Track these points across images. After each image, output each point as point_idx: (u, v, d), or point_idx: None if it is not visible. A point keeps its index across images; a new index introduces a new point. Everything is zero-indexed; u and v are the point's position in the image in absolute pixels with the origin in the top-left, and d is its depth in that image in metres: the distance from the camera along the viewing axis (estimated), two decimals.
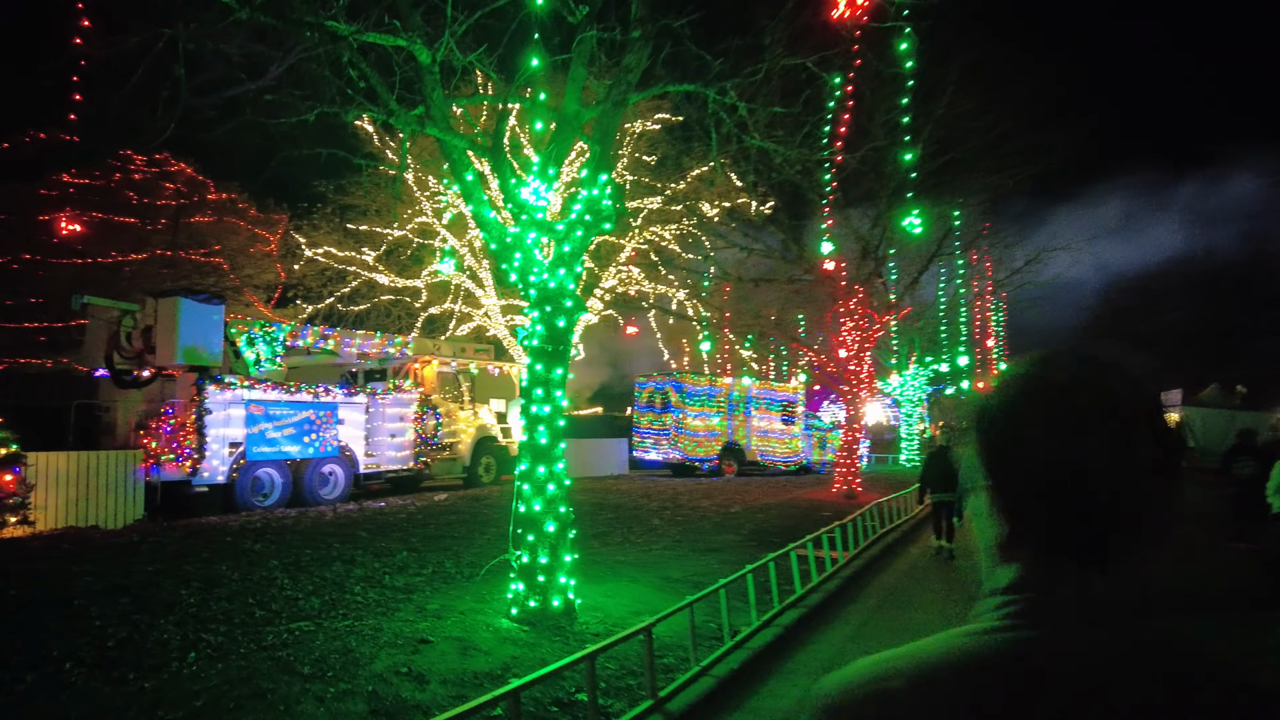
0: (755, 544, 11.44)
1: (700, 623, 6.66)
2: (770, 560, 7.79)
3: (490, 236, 7.03)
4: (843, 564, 10.40)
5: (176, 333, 13.52)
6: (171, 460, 13.22)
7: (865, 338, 17.77)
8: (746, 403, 25.32)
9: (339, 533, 11.59)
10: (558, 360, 6.78)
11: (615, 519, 13.63)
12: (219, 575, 8.45)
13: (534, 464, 6.70)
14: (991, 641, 0.85)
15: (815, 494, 18.82)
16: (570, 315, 6.84)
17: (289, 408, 15.03)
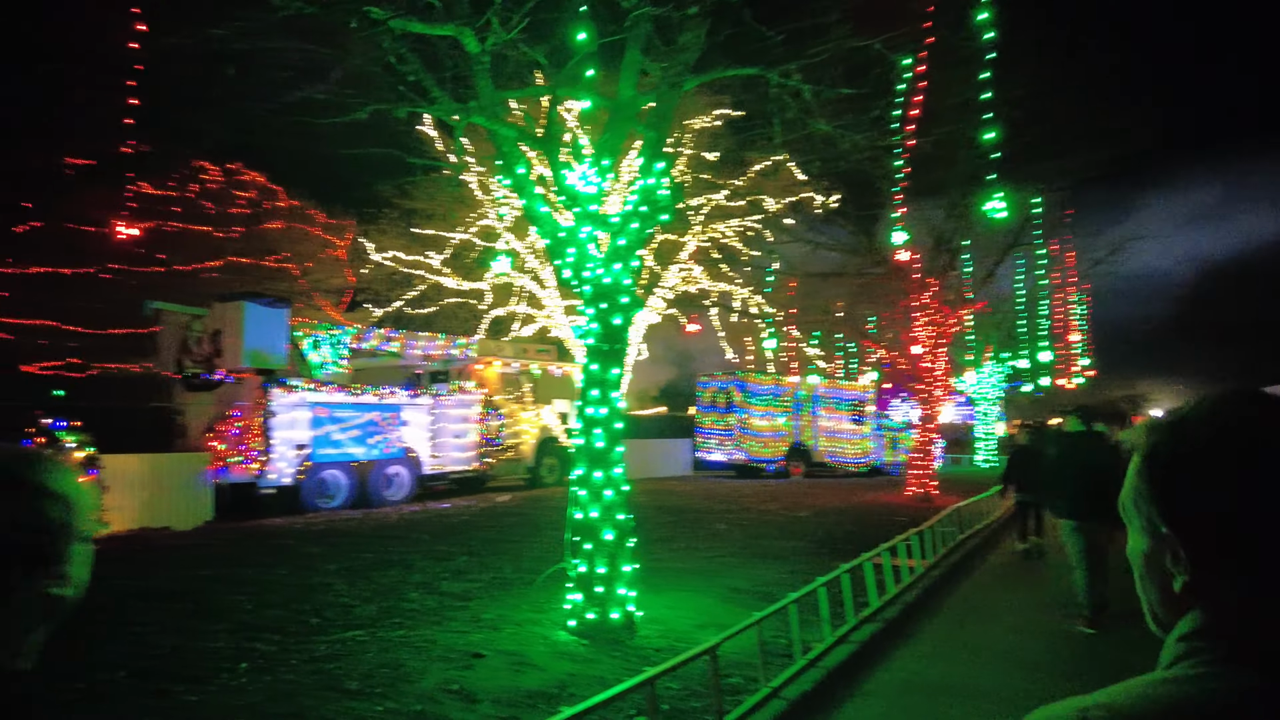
0: (825, 551, 10.90)
1: (769, 638, 6.22)
2: (844, 572, 7.28)
3: (543, 231, 6.73)
4: (921, 573, 9.77)
5: (242, 336, 13.69)
6: (239, 462, 13.38)
7: (940, 333, 16.95)
8: (813, 402, 24.60)
9: (400, 536, 11.51)
10: (614, 360, 6.43)
11: (678, 523, 13.25)
12: (277, 580, 8.38)
13: (590, 468, 6.36)
14: (1199, 691, 0.83)
15: (888, 497, 18.08)
16: (627, 312, 6.48)
17: (353, 409, 15.10)
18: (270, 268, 32.84)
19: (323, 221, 35.05)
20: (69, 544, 1.06)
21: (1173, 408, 0.97)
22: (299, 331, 15.28)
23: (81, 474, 7.57)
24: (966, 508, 13.38)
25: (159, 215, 31.14)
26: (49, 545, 1.02)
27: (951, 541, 11.88)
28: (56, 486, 1.04)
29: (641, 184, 6.47)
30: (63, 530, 1.04)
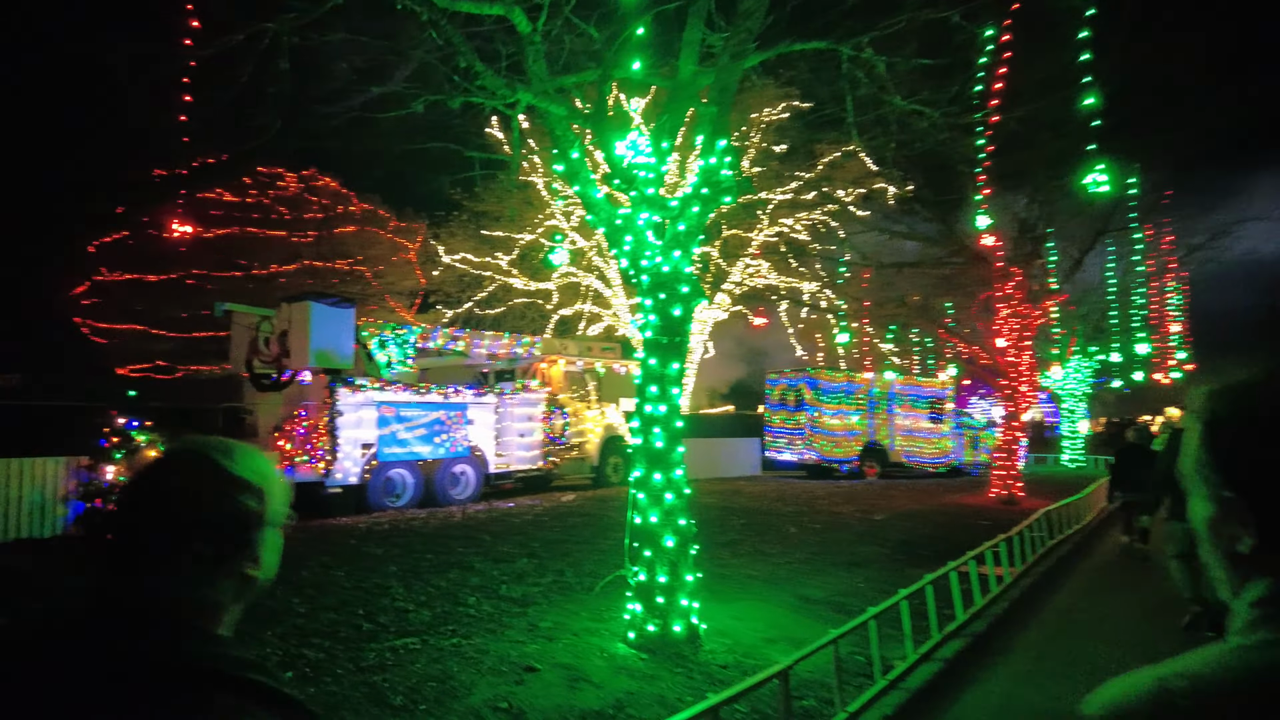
0: (903, 558, 10.26)
1: (846, 654, 5.72)
2: (928, 583, 6.69)
3: (599, 219, 6.36)
4: (1009, 582, 9.07)
5: (309, 336, 13.75)
6: (305, 462, 13.45)
7: (1025, 325, 15.95)
8: (889, 399, 23.66)
9: (463, 535, 11.33)
10: (673, 354, 6.01)
11: (746, 525, 12.74)
12: (334, 581, 8.24)
13: (649, 470, 5.96)
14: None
15: (970, 499, 17.15)
16: (687, 303, 6.05)
17: (419, 408, 15.07)
18: (344, 270, 33.60)
19: (394, 225, 35.71)
20: (262, 530, 1.17)
21: (1230, 374, 0.95)
22: (365, 331, 15.33)
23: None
24: (1057, 511, 12.48)
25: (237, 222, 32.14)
26: (246, 531, 1.13)
27: (1042, 547, 11.08)
28: (253, 477, 1.15)
29: (702, 164, 6.03)
30: (257, 518, 1.15)
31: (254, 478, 1.17)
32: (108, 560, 1.11)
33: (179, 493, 1.12)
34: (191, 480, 1.13)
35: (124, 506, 1.14)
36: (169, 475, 1.14)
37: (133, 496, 1.13)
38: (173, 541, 1.09)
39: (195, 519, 1.11)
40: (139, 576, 1.09)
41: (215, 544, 1.11)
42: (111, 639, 1.01)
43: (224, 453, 1.16)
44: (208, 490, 1.12)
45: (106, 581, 1.09)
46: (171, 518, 1.10)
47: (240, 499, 1.14)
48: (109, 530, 1.14)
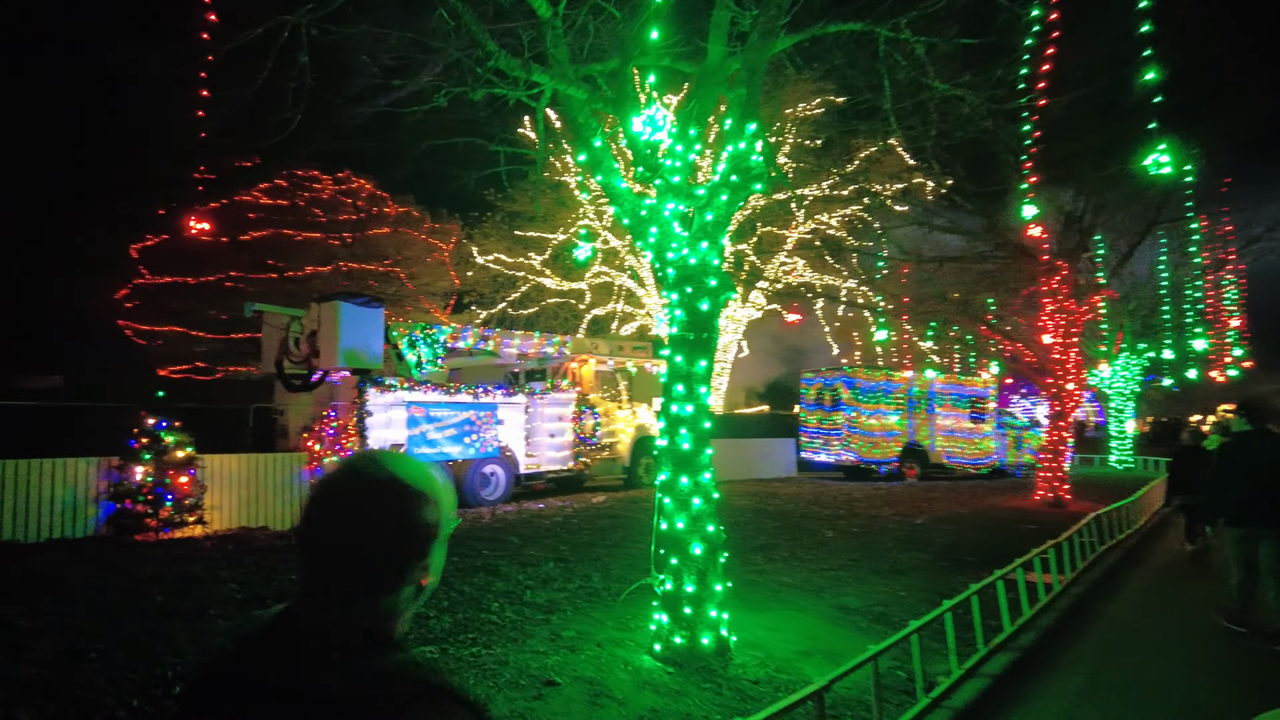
0: (946, 563, 9.81)
1: (885, 669, 5.37)
2: (973, 594, 6.30)
3: (623, 210, 6.06)
4: (1058, 591, 8.60)
5: (338, 336, 13.68)
6: (334, 462, 13.36)
7: (1072, 321, 15.31)
8: (929, 398, 23.03)
9: (491, 537, 11.13)
10: (701, 351, 5.70)
11: (781, 529, 12.36)
12: None
13: (675, 473, 5.65)
14: None
15: (1015, 502, 16.56)
16: (715, 297, 5.73)
17: (449, 409, 14.93)
18: (378, 272, 33.81)
19: (428, 226, 35.86)
20: (436, 541, 1.21)
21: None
22: (395, 331, 15.24)
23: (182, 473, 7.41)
24: (1108, 514, 11.90)
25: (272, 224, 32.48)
26: (425, 543, 1.17)
27: (1092, 553, 10.55)
28: (428, 490, 1.18)
29: (730, 149, 5.71)
30: (434, 530, 1.19)
31: (429, 491, 1.20)
32: (301, 578, 1.17)
33: (363, 511, 1.15)
34: (374, 498, 1.16)
35: (312, 524, 1.17)
36: (352, 494, 1.17)
37: (319, 515, 1.17)
38: (360, 560, 1.14)
39: (380, 537, 1.15)
40: (331, 595, 1.13)
41: (398, 559, 1.16)
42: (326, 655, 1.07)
43: (400, 469, 1.19)
44: (390, 508, 1.16)
45: (303, 600, 1.15)
46: (357, 537, 1.14)
47: (419, 514, 1.18)
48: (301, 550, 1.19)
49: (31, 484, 10.65)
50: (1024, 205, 12.54)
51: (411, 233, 35.40)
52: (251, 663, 1.13)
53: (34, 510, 10.66)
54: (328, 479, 1.21)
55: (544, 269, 33.01)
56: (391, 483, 1.17)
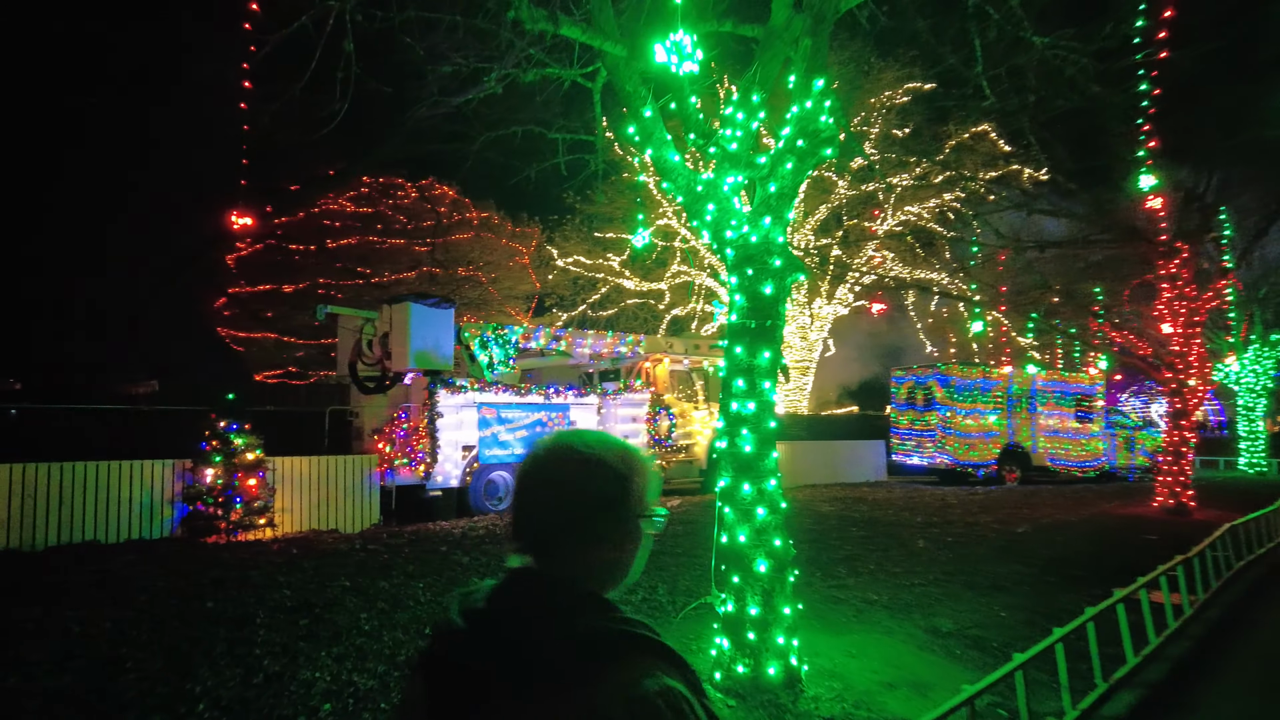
0: (1054, 579, 8.79)
1: (983, 706, 4.60)
2: (1089, 620, 5.42)
3: (676, 186, 5.47)
4: (1189, 615, 7.51)
5: (408, 337, 13.56)
6: (405, 465, 13.22)
7: (1194, 309, 13.81)
8: (1030, 396, 21.46)
9: None
10: (764, 341, 5.04)
11: (867, 538, 11.49)
12: (411, 595, 7.72)
13: (737, 480, 5.01)
14: None
15: (1130, 508, 15.10)
16: (780, 279, 5.07)
17: (520, 410, 14.63)
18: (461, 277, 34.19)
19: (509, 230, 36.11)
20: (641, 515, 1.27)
21: None
22: (467, 332, 15.04)
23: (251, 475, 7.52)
24: (1244, 525, 10.54)
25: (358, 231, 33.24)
26: (628, 510, 1.24)
27: (1228, 570, 9.31)
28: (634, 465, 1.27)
29: (796, 110, 5.04)
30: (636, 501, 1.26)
31: (631, 462, 1.27)
32: (519, 543, 1.25)
33: (572, 484, 1.22)
34: (579, 470, 1.23)
35: (525, 490, 1.27)
36: (561, 460, 1.24)
37: (531, 482, 1.25)
38: (570, 525, 1.22)
39: (586, 505, 1.22)
40: (543, 556, 1.22)
41: (604, 522, 1.22)
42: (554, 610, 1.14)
43: (604, 442, 1.27)
44: (594, 479, 1.23)
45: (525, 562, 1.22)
46: (567, 500, 1.22)
47: (622, 482, 1.24)
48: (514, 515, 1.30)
49: (111, 485, 10.82)
50: (1141, 175, 11.21)
51: (493, 237, 35.71)
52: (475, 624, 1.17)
53: (113, 511, 10.82)
54: (539, 449, 1.28)
55: (623, 270, 32.75)
56: (598, 451, 1.25)
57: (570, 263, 32.99)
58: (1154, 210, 12.79)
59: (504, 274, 36.10)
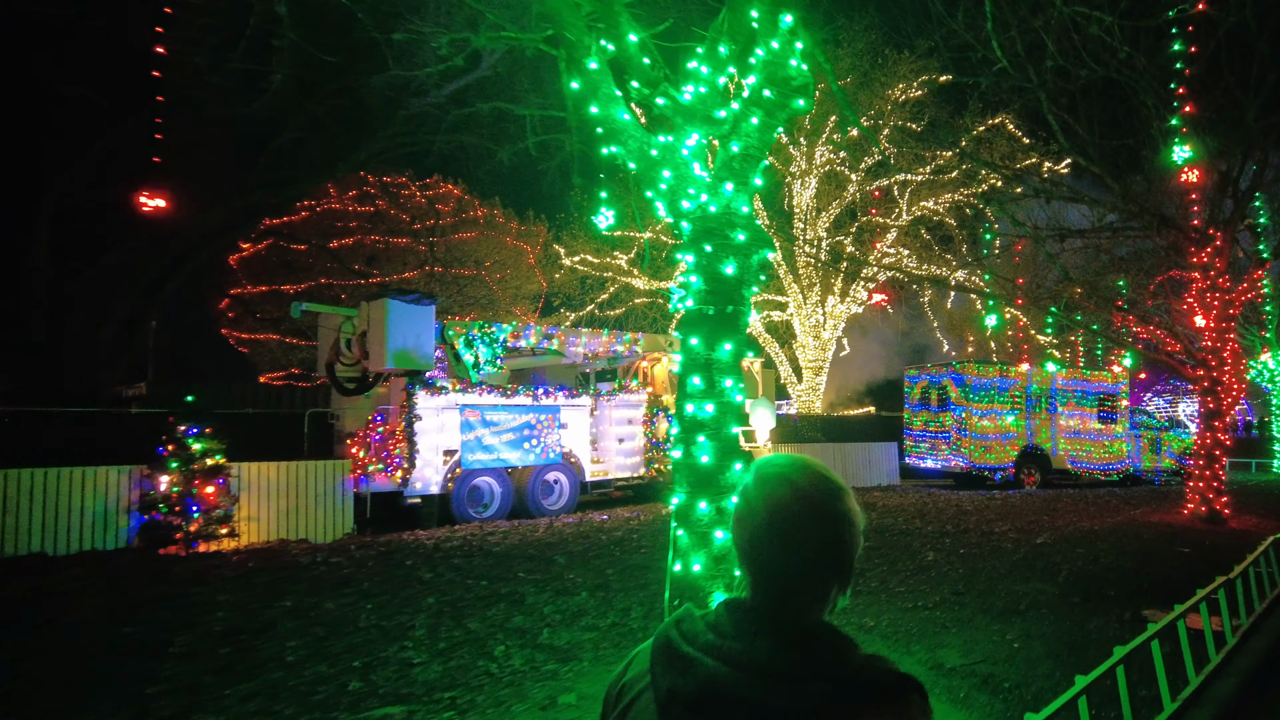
0: (1078, 600, 7.88)
1: None
2: (1118, 663, 4.55)
3: (628, 151, 4.65)
4: (1233, 645, 6.59)
5: (386, 336, 12.83)
6: (380, 470, 12.49)
7: (1229, 302, 12.79)
8: (1050, 396, 20.42)
9: (535, 555, 9.91)
10: (725, 329, 4.22)
11: (873, 550, 10.61)
12: (353, 619, 6.95)
13: (693, 496, 4.19)
14: None
15: (1158, 515, 14.09)
16: (744, 255, 4.25)
17: (507, 412, 13.87)
18: (466, 276, 33.57)
19: (515, 229, 35.45)
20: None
21: None
22: (451, 331, 14.30)
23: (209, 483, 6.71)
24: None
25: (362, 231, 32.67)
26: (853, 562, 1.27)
27: (1273, 590, 8.35)
28: (856, 517, 1.27)
29: (762, 53, 4.21)
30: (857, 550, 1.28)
31: (857, 517, 1.27)
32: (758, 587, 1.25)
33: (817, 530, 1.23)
34: (825, 520, 1.24)
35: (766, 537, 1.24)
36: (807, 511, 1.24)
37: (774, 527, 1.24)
38: (814, 572, 1.23)
39: (832, 554, 1.24)
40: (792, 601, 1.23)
41: (840, 573, 1.25)
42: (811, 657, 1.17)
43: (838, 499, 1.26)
44: (832, 533, 1.24)
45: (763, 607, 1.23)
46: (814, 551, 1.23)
47: (856, 521, 1.27)
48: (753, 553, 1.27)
49: (61, 493, 10.17)
50: (1175, 147, 10.18)
51: (499, 236, 35.10)
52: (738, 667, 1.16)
53: (64, 521, 10.17)
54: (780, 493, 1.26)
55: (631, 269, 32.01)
56: (836, 505, 1.25)
57: (577, 261, 32.28)
58: (1188, 186, 11.73)
59: (511, 273, 35.49)
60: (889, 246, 29.68)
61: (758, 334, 31.12)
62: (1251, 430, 40.14)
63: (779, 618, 1.21)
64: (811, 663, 1.15)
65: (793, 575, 1.23)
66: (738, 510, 1.30)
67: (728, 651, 1.18)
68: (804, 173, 29.60)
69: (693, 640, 1.21)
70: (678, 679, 1.18)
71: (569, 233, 32.50)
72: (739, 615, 1.23)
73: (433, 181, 34.81)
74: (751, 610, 1.23)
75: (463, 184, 34.60)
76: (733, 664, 1.16)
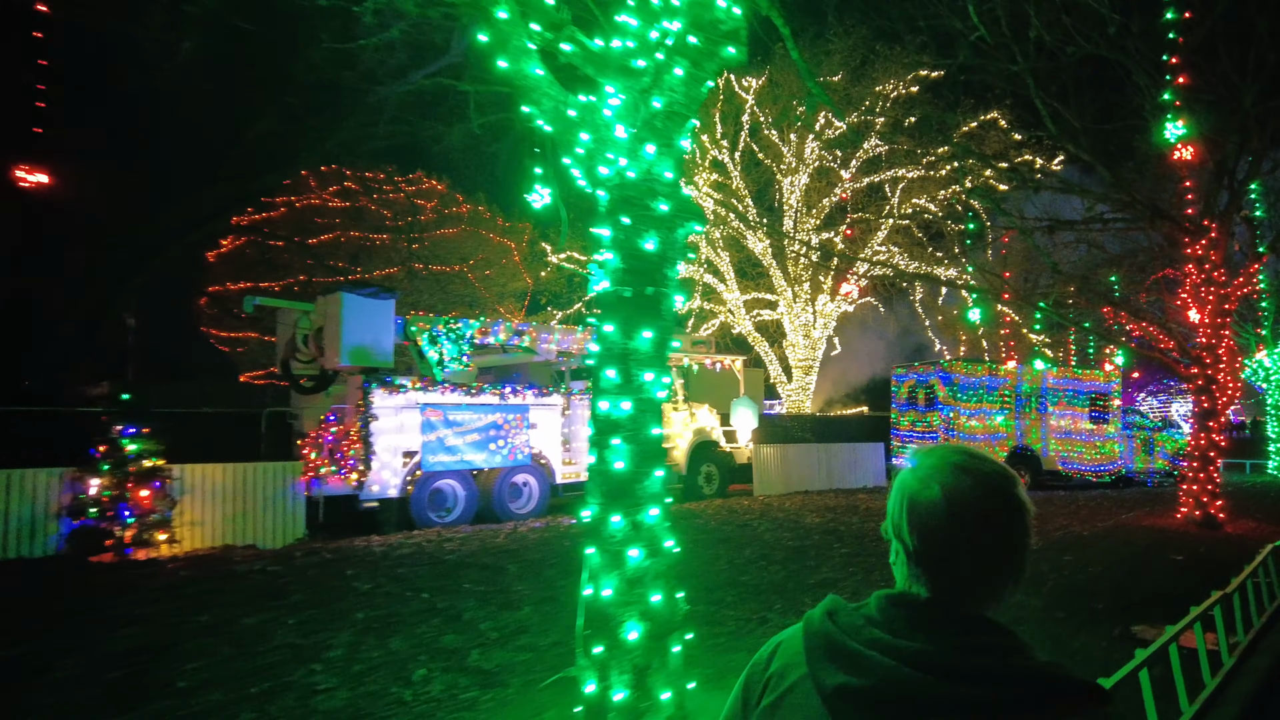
0: (1063, 615, 7.31)
1: None
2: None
3: (542, 111, 4.06)
4: (1230, 666, 6.01)
5: (340, 331, 12.22)
6: (334, 473, 11.87)
7: (1224, 296, 12.24)
8: (1040, 395, 19.86)
9: (486, 564, 9.30)
10: (645, 315, 3.63)
11: (853, 557, 10.04)
12: (269, 635, 6.34)
13: (605, 509, 3.60)
14: None
15: (1151, 519, 13.55)
16: (667, 229, 3.66)
17: (471, 411, 13.25)
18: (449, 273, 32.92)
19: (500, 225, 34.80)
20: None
21: None
22: (414, 326, 13.68)
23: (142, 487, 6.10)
24: None
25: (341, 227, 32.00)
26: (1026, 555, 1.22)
27: (1271, 603, 7.78)
28: (1029, 510, 1.22)
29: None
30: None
31: (1030, 510, 1.22)
32: (934, 582, 1.19)
33: (999, 519, 1.19)
34: (1008, 508, 1.19)
35: (945, 528, 1.19)
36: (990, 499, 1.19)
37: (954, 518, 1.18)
38: (994, 564, 1.19)
39: (1013, 544, 1.20)
40: (969, 597, 1.19)
41: (1018, 565, 1.21)
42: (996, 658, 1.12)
43: (1017, 485, 1.21)
44: (1016, 524, 1.19)
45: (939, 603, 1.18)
46: (995, 542, 1.19)
47: (1030, 525, 1.21)
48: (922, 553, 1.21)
49: None
50: (1167, 123, 9.57)
51: (483, 233, 34.44)
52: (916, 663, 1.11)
53: None
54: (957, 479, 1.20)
55: None
56: (998, 471, 1.21)
57: (564, 259, 31.66)
58: (1181, 165, 11.11)
59: (496, 271, 34.84)
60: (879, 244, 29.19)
61: (747, 332, 30.57)
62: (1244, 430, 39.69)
63: (956, 615, 1.18)
64: (996, 664, 1.11)
65: (974, 568, 1.19)
66: (905, 502, 1.23)
67: (903, 650, 1.13)
68: (792, 170, 29.08)
69: (855, 635, 1.17)
70: (849, 676, 1.14)
71: (555, 228, 31.93)
72: (910, 611, 1.19)
73: (415, 178, 34.17)
74: (924, 606, 1.19)
75: (447, 179, 33.98)
76: (912, 663, 1.11)
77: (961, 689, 1.08)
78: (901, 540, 1.24)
